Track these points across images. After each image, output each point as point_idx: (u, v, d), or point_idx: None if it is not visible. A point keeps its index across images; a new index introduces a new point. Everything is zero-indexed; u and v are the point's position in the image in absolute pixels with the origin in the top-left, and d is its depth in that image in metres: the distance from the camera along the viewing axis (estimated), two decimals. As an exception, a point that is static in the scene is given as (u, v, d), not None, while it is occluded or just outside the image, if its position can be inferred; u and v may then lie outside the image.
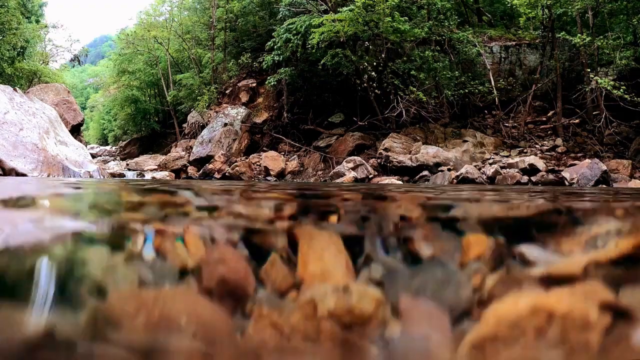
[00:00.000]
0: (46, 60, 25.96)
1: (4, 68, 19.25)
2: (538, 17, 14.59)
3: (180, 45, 25.11)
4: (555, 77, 13.70)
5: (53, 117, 13.87)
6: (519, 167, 11.59)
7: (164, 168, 16.98)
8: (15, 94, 12.95)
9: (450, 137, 13.95)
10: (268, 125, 17.68)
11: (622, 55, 11.60)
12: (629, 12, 12.07)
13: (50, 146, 12.11)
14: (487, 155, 13.01)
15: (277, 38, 15.41)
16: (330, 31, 13.44)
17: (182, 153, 18.15)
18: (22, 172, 10.57)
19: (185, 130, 20.27)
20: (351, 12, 13.17)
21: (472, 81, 14.15)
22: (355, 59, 14.05)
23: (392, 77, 13.97)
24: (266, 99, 18.62)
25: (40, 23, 24.93)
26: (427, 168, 12.36)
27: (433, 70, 13.90)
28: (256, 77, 19.09)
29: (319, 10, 15.49)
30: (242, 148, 17.17)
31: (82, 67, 45.99)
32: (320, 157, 15.18)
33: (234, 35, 20.50)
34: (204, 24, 22.61)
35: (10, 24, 19.29)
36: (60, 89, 19.77)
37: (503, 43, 15.66)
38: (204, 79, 20.99)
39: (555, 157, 12.44)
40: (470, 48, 14.47)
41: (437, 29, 14.40)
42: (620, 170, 10.82)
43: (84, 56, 28.57)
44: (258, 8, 19.45)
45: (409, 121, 14.00)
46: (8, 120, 11.53)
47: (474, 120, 14.53)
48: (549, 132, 13.68)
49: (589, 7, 12.44)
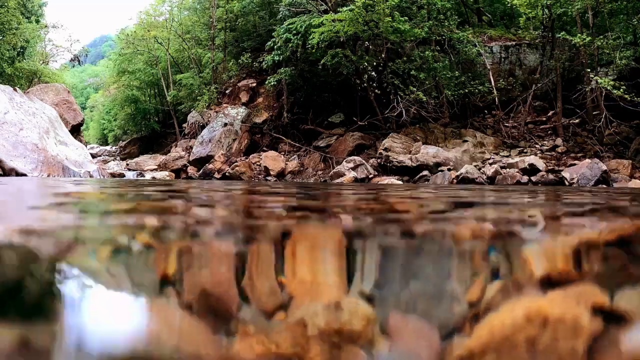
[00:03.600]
0: (46, 60, 25.97)
1: (4, 68, 19.26)
2: (538, 17, 14.59)
3: (180, 45, 25.10)
4: (555, 77, 13.69)
5: (53, 117, 13.88)
6: (519, 167, 11.59)
7: (164, 168, 16.99)
8: (15, 94, 12.96)
9: (450, 137, 13.94)
10: (268, 125, 17.68)
11: (622, 55, 11.59)
12: (629, 12, 12.06)
13: (50, 146, 12.12)
14: (487, 155, 13.00)
15: (277, 38, 15.40)
16: (330, 31, 13.43)
17: (182, 153, 18.16)
18: (22, 172, 10.58)
19: (185, 130, 20.27)
20: (351, 12, 13.16)
21: (472, 81, 14.14)
22: (355, 59, 14.04)
23: (392, 77, 13.96)
24: (266, 99, 18.62)
25: (40, 23, 24.93)
26: (427, 168, 12.36)
27: (433, 70, 13.89)
28: (256, 77, 19.08)
29: (319, 10, 15.48)
30: (242, 148, 17.17)
31: (82, 67, 46.01)
32: (320, 157, 15.18)
33: (234, 35, 20.49)
34: (204, 24, 22.60)
35: (10, 24, 19.30)
36: (60, 89, 19.77)
37: (503, 43, 15.65)
38: (204, 79, 20.99)
39: (555, 157, 12.43)
40: (470, 48, 14.46)
41: (437, 29, 14.39)
42: (620, 170, 10.81)
43: (84, 56, 28.57)
44: (258, 8, 19.44)
45: (409, 121, 14.00)
46: (8, 120, 11.54)
47: (474, 120, 14.52)
48: (549, 132, 13.67)
49: (589, 7, 12.42)
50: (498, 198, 4.21)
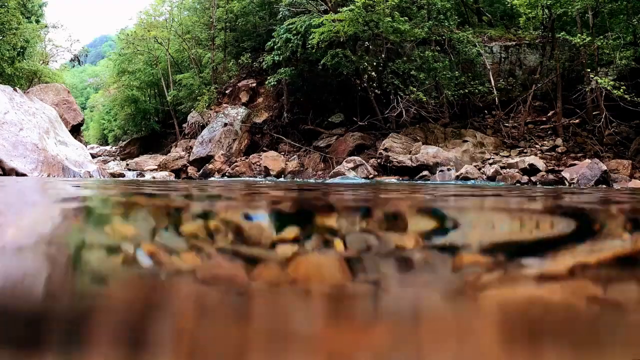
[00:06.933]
0: (46, 60, 25.93)
1: (4, 68, 19.24)
2: (538, 17, 14.59)
3: (180, 45, 25.09)
4: (555, 77, 13.69)
5: (53, 117, 13.87)
6: (519, 167, 11.59)
7: (164, 168, 16.98)
8: (15, 94, 12.95)
9: (450, 137, 13.94)
10: (268, 125, 17.67)
11: (622, 55, 11.59)
12: (629, 12, 12.06)
13: (50, 146, 12.11)
14: (487, 155, 13.00)
15: (277, 38, 15.40)
16: (330, 31, 13.43)
17: (182, 153, 18.15)
18: (22, 172, 10.57)
19: (185, 130, 20.26)
20: (351, 12, 13.16)
21: (472, 81, 14.14)
22: (355, 59, 14.04)
23: (392, 77, 13.96)
24: (266, 99, 18.62)
25: (40, 23, 24.88)
26: (427, 168, 12.36)
27: (433, 70, 13.89)
28: (256, 77, 19.08)
29: (319, 10, 15.49)
30: (242, 148, 17.17)
31: (82, 67, 45.96)
32: (320, 157, 15.18)
33: (234, 35, 20.48)
34: (204, 24, 22.58)
35: (10, 24, 19.27)
36: (60, 89, 19.77)
37: (503, 43, 15.65)
38: (204, 79, 20.98)
39: (555, 157, 12.43)
40: (470, 48, 14.46)
41: (437, 29, 14.40)
42: (620, 170, 10.81)
43: (84, 56, 28.52)
44: (258, 8, 19.43)
45: (409, 121, 14.00)
46: (8, 120, 11.53)
47: (474, 120, 14.53)
48: (549, 132, 13.67)
49: (589, 7, 12.42)
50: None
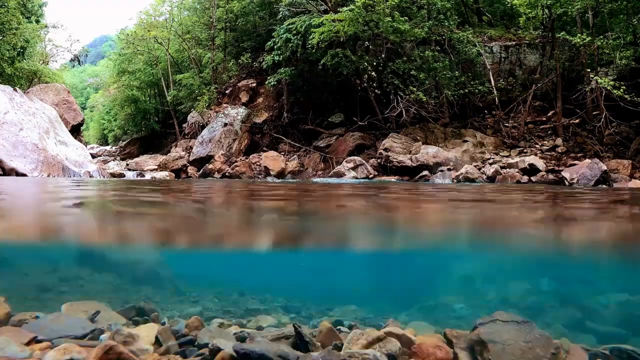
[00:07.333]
0: (46, 60, 25.94)
1: (4, 68, 19.24)
2: (538, 17, 14.59)
3: (180, 45, 25.09)
4: (555, 77, 13.69)
5: (53, 117, 13.87)
6: (519, 167, 11.59)
7: (164, 168, 16.98)
8: (15, 94, 12.96)
9: (450, 137, 13.95)
10: (268, 125, 17.68)
11: (622, 55, 11.59)
12: (629, 12, 12.06)
13: (50, 146, 12.11)
14: (487, 155, 13.00)
15: (277, 38, 15.40)
16: (330, 31, 13.43)
17: (182, 153, 18.15)
18: (22, 172, 10.58)
19: (185, 130, 20.26)
20: (351, 12, 13.17)
21: (472, 81, 14.14)
22: (355, 59, 14.04)
23: (392, 77, 13.96)
24: (266, 99, 18.62)
25: (40, 23, 24.90)
26: (427, 168, 12.36)
27: (433, 70, 13.89)
28: (256, 77, 19.08)
29: (319, 10, 15.50)
30: (242, 148, 17.17)
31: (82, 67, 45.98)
32: (320, 157, 15.18)
33: (234, 35, 20.48)
34: (204, 24, 22.58)
35: (10, 24, 19.27)
36: (60, 89, 19.78)
37: (503, 43, 15.65)
38: (204, 79, 20.98)
39: (555, 157, 12.44)
40: (470, 48, 14.47)
41: (437, 29, 14.40)
42: (620, 170, 10.82)
43: (84, 56, 28.53)
44: (258, 8, 19.43)
45: (409, 121, 14.00)
46: (8, 120, 11.54)
47: (474, 120, 14.53)
48: (549, 132, 13.67)
49: (589, 7, 12.42)
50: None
